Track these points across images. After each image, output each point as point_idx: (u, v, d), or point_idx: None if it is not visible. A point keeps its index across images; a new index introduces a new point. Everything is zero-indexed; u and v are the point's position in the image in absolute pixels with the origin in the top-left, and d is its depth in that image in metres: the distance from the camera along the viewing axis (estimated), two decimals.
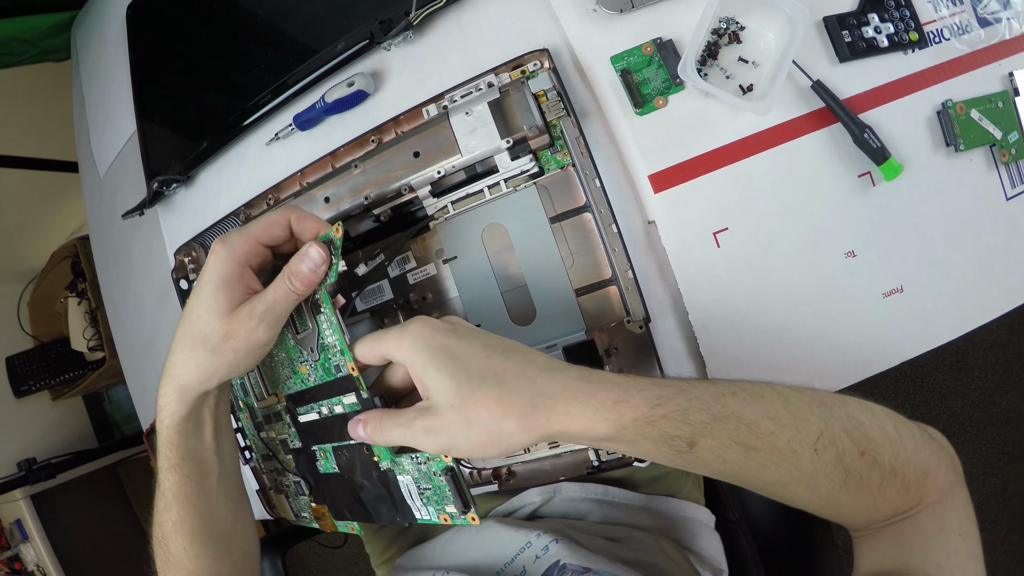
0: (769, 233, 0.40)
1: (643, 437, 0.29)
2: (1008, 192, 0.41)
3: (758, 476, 0.31)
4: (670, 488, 0.59)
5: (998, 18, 0.42)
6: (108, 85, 0.65)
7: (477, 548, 0.51)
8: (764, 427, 0.30)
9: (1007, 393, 1.12)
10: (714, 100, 0.41)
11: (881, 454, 0.31)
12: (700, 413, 0.30)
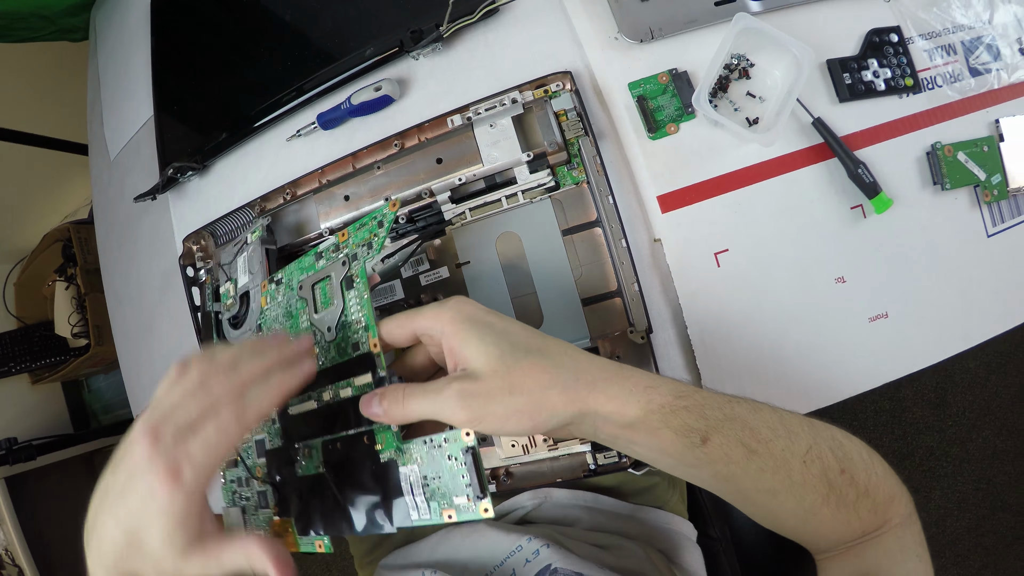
0: (767, 256, 0.43)
1: (666, 425, 0.31)
2: (989, 230, 0.45)
3: (755, 481, 0.33)
4: (657, 500, 0.62)
5: (988, 69, 0.47)
6: (126, 69, 0.67)
7: (467, 549, 0.52)
8: (763, 434, 0.33)
9: (983, 431, 1.17)
10: (722, 130, 0.45)
11: (857, 474, 0.34)
12: (714, 411, 0.32)
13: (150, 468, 0.28)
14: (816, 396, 0.43)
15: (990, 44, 0.47)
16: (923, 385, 1.18)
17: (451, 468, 0.30)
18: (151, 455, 0.28)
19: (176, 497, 0.28)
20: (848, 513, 0.35)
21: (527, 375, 0.30)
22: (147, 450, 0.28)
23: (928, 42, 0.46)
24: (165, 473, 0.28)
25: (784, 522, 0.36)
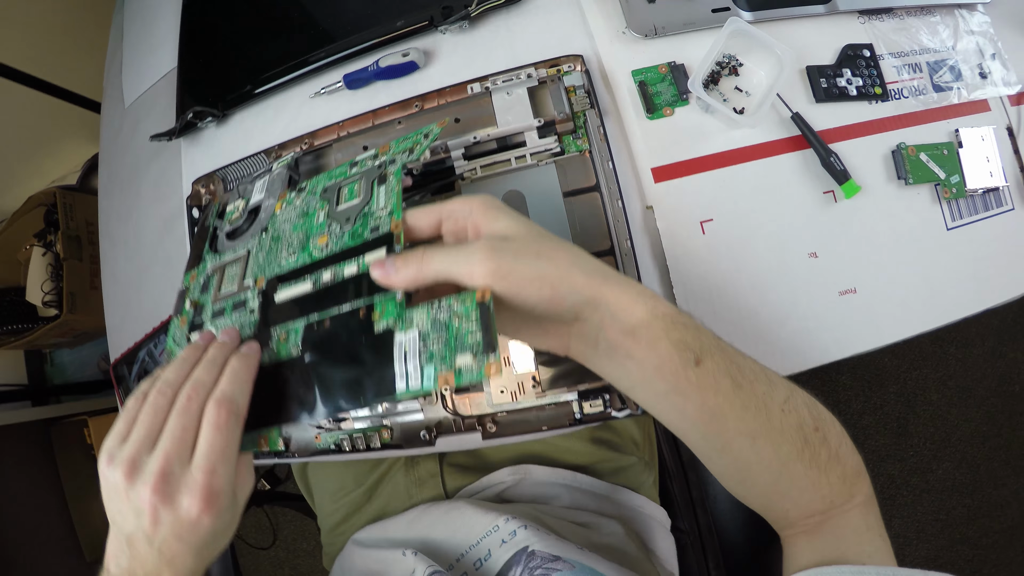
0: (747, 228, 0.48)
1: (666, 336, 0.32)
2: (948, 224, 0.51)
3: (738, 419, 0.33)
4: (632, 482, 0.64)
5: (950, 87, 0.54)
6: (154, 19, 0.70)
7: (443, 527, 0.53)
8: (748, 374, 0.34)
9: (944, 463, 1.23)
10: (711, 116, 0.50)
11: (830, 435, 0.36)
12: (708, 338, 0.34)
13: (178, 505, 0.31)
14: (789, 361, 0.47)
15: (953, 66, 0.54)
16: (886, 414, 1.24)
17: (457, 327, 0.28)
18: (165, 495, 0.31)
19: (217, 522, 0.32)
20: (819, 475, 0.35)
21: (555, 251, 0.31)
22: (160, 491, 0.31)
23: (897, 60, 0.53)
24: (201, 501, 0.31)
25: (758, 478, 0.36)
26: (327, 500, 0.69)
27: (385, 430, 0.52)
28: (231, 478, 0.32)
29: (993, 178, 0.51)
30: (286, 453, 0.55)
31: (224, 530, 0.33)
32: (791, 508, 0.36)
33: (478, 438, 0.49)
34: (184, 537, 0.31)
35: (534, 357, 0.48)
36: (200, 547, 0.32)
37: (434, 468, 0.62)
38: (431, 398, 0.50)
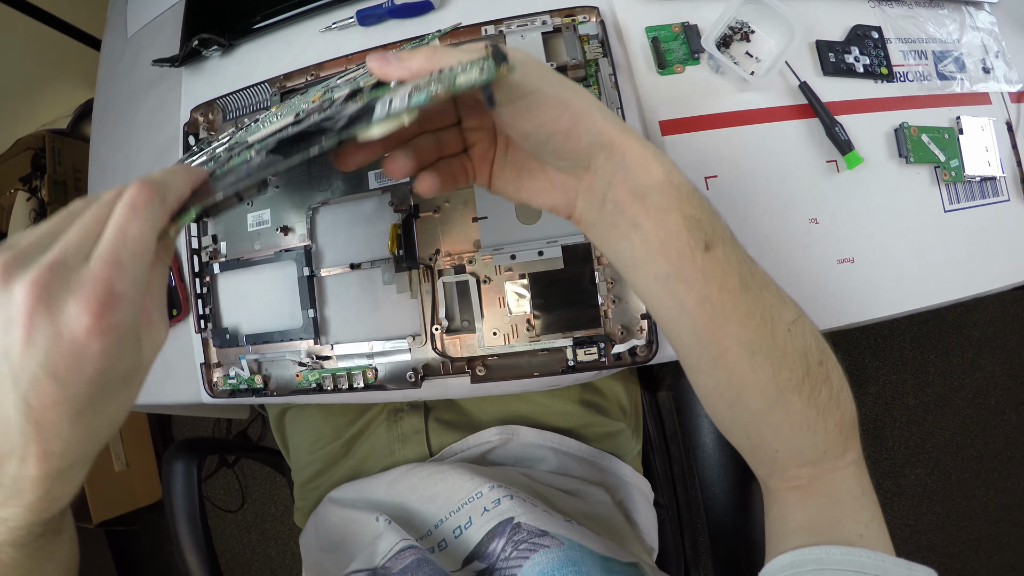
0: (750, 188, 0.49)
1: (678, 208, 0.30)
2: (946, 206, 0.52)
3: (740, 324, 0.31)
4: (619, 449, 0.65)
5: (954, 76, 0.55)
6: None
7: (424, 491, 0.52)
8: (758, 280, 0.32)
9: (916, 468, 1.26)
10: (720, 77, 0.51)
11: (833, 374, 0.34)
12: (722, 226, 0.32)
13: (61, 319, 0.23)
14: None
15: (957, 58, 0.55)
16: (863, 415, 1.24)
17: (458, 66, 0.25)
18: (45, 299, 0.23)
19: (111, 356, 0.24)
20: (816, 415, 0.33)
21: (580, 90, 0.30)
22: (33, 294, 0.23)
23: (904, 45, 0.55)
24: (97, 304, 0.23)
25: (750, 401, 0.33)
26: (303, 452, 0.68)
27: (370, 370, 0.52)
28: (138, 289, 0.25)
29: (991, 167, 0.53)
30: (264, 391, 0.55)
31: (118, 382, 0.25)
32: (781, 449, 0.34)
33: (466, 382, 0.49)
34: (61, 373, 0.23)
35: (530, 299, 0.48)
36: (81, 398, 0.24)
37: (419, 424, 0.62)
38: (420, 338, 0.50)
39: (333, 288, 0.53)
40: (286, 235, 0.54)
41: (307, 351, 0.53)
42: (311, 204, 0.53)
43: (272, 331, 0.54)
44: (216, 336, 0.56)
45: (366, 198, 0.52)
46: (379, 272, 0.51)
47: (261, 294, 0.55)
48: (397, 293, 0.50)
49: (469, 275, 0.48)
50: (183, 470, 0.69)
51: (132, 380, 0.27)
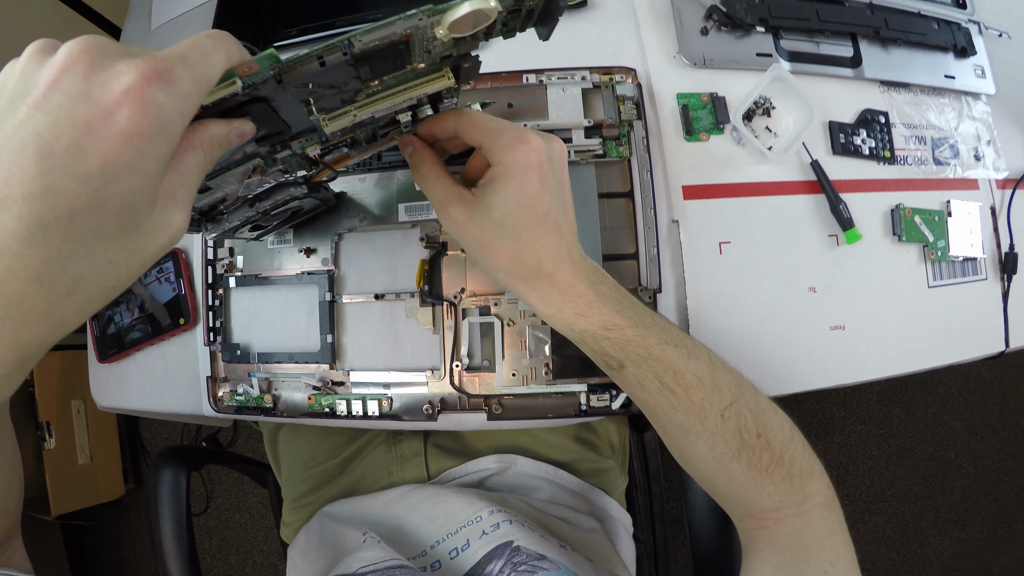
0: (759, 255, 0.54)
1: (584, 344, 0.40)
2: (930, 282, 0.58)
3: (667, 415, 0.40)
4: (607, 486, 0.69)
5: (948, 162, 0.62)
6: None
7: (423, 512, 0.55)
8: (687, 379, 0.39)
9: (876, 516, 1.34)
10: (741, 149, 0.56)
11: (774, 441, 0.40)
12: (639, 349, 0.39)
13: (110, 71, 0.20)
14: (780, 383, 0.53)
15: (953, 145, 0.62)
16: (828, 462, 1.33)
17: None
18: (100, 62, 0.20)
19: (164, 105, 0.21)
20: (760, 475, 0.39)
21: (543, 234, 0.36)
22: (93, 55, 0.20)
23: (907, 130, 0.61)
24: (147, 69, 0.20)
25: (697, 465, 0.42)
26: (297, 469, 0.70)
27: (385, 400, 0.54)
28: (188, 108, 0.22)
29: (973, 248, 0.60)
30: (273, 411, 0.57)
31: (112, 219, 0.21)
32: (739, 499, 0.41)
33: (483, 418, 0.52)
34: (59, 147, 0.19)
35: (550, 344, 0.52)
36: (64, 200, 0.20)
37: (418, 447, 0.64)
38: (439, 373, 0.53)
39: (352, 315, 0.56)
40: (308, 257, 0.57)
41: (321, 375, 0.55)
42: (338, 230, 0.56)
43: (286, 352, 0.56)
44: (226, 351, 0.58)
45: (394, 229, 0.55)
46: (402, 304, 0.54)
47: (277, 313, 0.57)
48: (419, 327, 0.53)
49: (495, 317, 0.52)
50: (171, 478, 0.69)
51: (126, 235, 0.22)
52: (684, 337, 0.41)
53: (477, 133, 0.36)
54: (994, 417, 1.43)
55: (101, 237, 0.21)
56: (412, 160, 0.39)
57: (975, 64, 0.65)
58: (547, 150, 0.36)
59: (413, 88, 0.33)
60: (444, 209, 0.38)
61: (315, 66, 0.27)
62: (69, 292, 0.22)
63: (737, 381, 0.41)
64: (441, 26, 0.28)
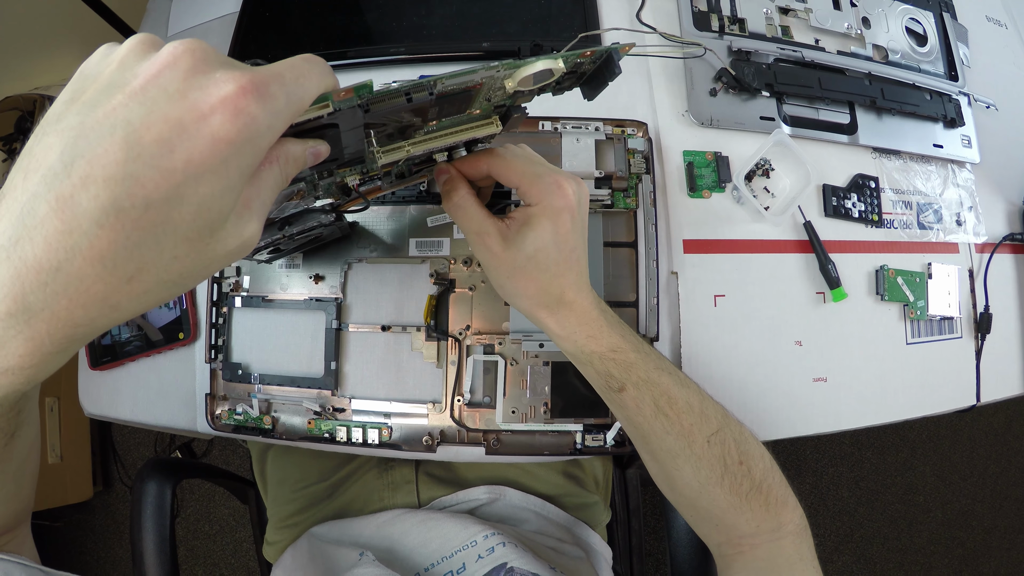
0: (751, 309, 0.59)
1: (591, 365, 0.44)
2: (908, 339, 0.64)
3: (659, 438, 0.44)
4: (591, 520, 0.73)
5: (931, 226, 0.67)
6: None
7: (417, 536, 0.58)
8: (679, 405, 0.43)
9: (844, 556, 1.41)
10: (740, 207, 0.61)
11: (754, 469, 0.44)
12: (640, 372, 0.43)
13: (210, 77, 0.22)
14: (765, 429, 0.58)
15: (937, 210, 0.68)
16: (800, 502, 1.40)
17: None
18: (202, 66, 0.22)
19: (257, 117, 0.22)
20: (741, 501, 0.43)
21: (566, 269, 0.41)
22: (196, 58, 0.22)
23: (895, 195, 0.67)
24: (246, 82, 0.22)
25: (682, 489, 0.45)
26: (285, 489, 0.72)
27: (385, 429, 0.57)
28: (277, 125, 0.24)
29: (951, 309, 0.65)
30: (272, 433, 0.59)
31: (187, 222, 0.22)
32: (718, 524, 0.45)
33: (481, 452, 0.56)
34: (148, 142, 0.21)
35: (550, 385, 0.55)
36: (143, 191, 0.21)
37: (409, 475, 0.67)
38: (440, 405, 0.56)
39: (356, 344, 0.59)
40: (317, 283, 0.59)
41: (321, 401, 0.58)
42: (348, 259, 0.59)
43: (288, 375, 0.59)
44: (227, 369, 0.60)
45: (404, 263, 0.58)
46: (407, 337, 0.57)
47: (281, 336, 0.60)
48: (424, 360, 0.57)
49: (498, 356, 0.55)
50: (156, 491, 0.70)
51: (198, 235, 0.23)
52: (674, 367, 0.46)
53: (514, 176, 0.41)
54: (963, 463, 1.51)
55: (172, 232, 0.22)
56: (446, 188, 0.42)
57: (962, 134, 0.71)
58: (577, 194, 0.41)
59: (464, 131, 0.37)
60: (481, 239, 0.42)
61: (402, 101, 0.30)
62: (130, 279, 0.23)
63: (723, 412, 0.46)
64: (512, 79, 0.32)
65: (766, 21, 0.64)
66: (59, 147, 0.21)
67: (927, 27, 0.72)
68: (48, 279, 0.21)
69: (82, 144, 0.21)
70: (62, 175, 0.20)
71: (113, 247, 0.21)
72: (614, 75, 0.36)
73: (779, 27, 0.64)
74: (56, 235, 0.21)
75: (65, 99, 0.23)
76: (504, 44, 0.61)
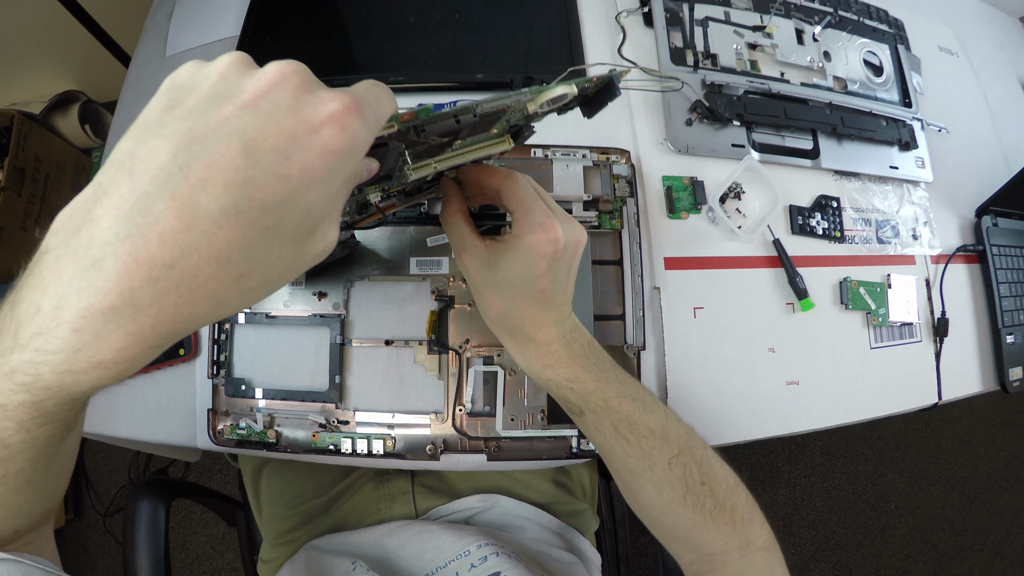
0: (727, 320, 0.66)
1: (549, 390, 0.47)
2: (872, 344, 0.71)
3: (620, 460, 0.47)
4: (581, 527, 0.78)
5: (889, 241, 0.75)
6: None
7: (412, 547, 0.61)
8: (640, 430, 0.46)
9: (820, 563, 1.48)
10: (714, 227, 0.68)
11: (717, 489, 0.46)
12: (598, 400, 0.46)
13: (317, 95, 0.25)
14: (744, 430, 0.64)
15: (894, 226, 0.76)
16: (774, 512, 1.48)
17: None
18: (307, 86, 0.25)
19: (359, 133, 0.25)
20: (706, 519, 0.46)
21: (529, 303, 0.43)
22: (302, 78, 0.25)
23: (855, 213, 0.75)
24: (349, 101, 0.25)
25: (647, 507, 0.48)
26: (281, 506, 0.75)
27: (389, 439, 0.61)
28: (368, 141, 0.27)
29: (910, 315, 0.73)
30: (276, 446, 0.63)
31: (295, 224, 0.25)
32: (686, 542, 0.48)
33: (483, 459, 0.60)
34: (265, 150, 0.23)
35: (547, 395, 0.60)
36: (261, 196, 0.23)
37: (405, 486, 0.71)
38: (442, 415, 0.61)
39: (359, 358, 0.63)
40: (320, 300, 0.64)
41: (326, 414, 0.62)
42: (350, 277, 0.64)
43: (292, 389, 0.62)
44: (229, 385, 0.64)
45: (405, 281, 0.63)
46: (410, 351, 0.62)
47: (284, 352, 0.64)
48: (426, 373, 0.61)
49: (498, 367, 0.60)
50: (149, 511, 0.72)
51: (300, 238, 0.26)
52: (643, 393, 0.48)
53: (514, 203, 0.42)
54: (931, 469, 1.61)
55: (280, 234, 0.25)
56: (445, 197, 0.46)
57: (916, 156, 0.80)
58: (564, 241, 0.41)
59: (481, 149, 0.40)
60: (459, 253, 0.45)
61: (452, 122, 0.33)
62: (239, 278, 0.24)
63: (687, 435, 0.48)
64: (534, 102, 0.35)
65: (736, 56, 0.72)
66: (170, 150, 0.22)
67: (883, 59, 0.81)
68: (160, 275, 0.22)
69: (196, 148, 0.22)
70: (177, 176, 0.22)
71: (230, 246, 0.23)
72: (614, 96, 0.40)
73: (748, 61, 0.72)
74: (172, 232, 0.22)
75: (160, 107, 0.25)
76: (497, 76, 0.67)
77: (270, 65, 0.25)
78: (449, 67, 0.69)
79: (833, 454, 1.57)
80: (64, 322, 0.23)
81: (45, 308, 0.23)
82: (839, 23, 0.78)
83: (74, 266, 0.23)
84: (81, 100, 1.06)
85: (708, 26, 0.71)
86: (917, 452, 1.60)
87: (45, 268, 0.24)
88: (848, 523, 1.52)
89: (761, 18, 0.73)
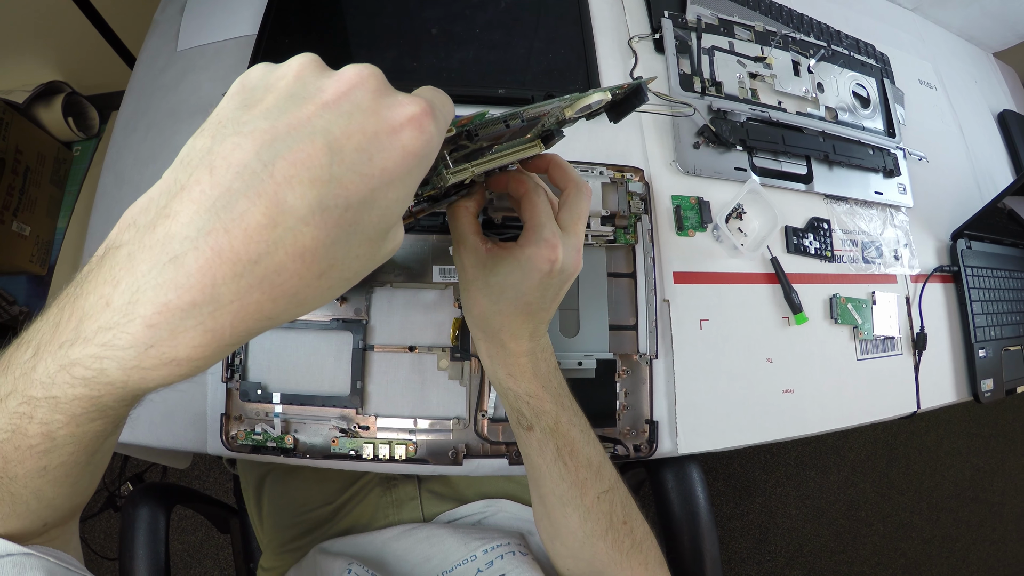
0: (729, 331, 0.75)
1: (505, 398, 0.51)
2: (858, 356, 0.81)
3: (554, 484, 0.50)
4: None
5: (873, 261, 0.86)
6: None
7: (419, 551, 0.65)
8: (580, 458, 0.50)
9: (795, 569, 1.60)
10: (718, 245, 0.77)
11: (636, 531, 0.51)
12: (549, 420, 0.50)
13: (395, 98, 0.27)
14: (743, 435, 0.73)
15: (878, 247, 0.87)
16: (750, 521, 1.60)
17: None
18: (385, 89, 0.27)
19: (434, 136, 0.27)
20: (622, 557, 0.50)
21: (513, 312, 0.47)
22: (379, 81, 0.27)
23: (844, 235, 0.85)
24: (426, 105, 0.27)
25: (567, 537, 0.51)
26: (286, 514, 0.79)
27: (411, 444, 0.67)
28: (439, 141, 0.29)
29: (892, 330, 0.84)
30: (294, 452, 0.67)
31: (373, 223, 0.26)
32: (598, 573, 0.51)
33: (504, 463, 0.66)
34: (349, 150, 0.25)
35: None
36: (344, 194, 0.24)
37: (413, 492, 0.77)
38: (464, 421, 0.67)
39: (381, 363, 0.68)
40: (341, 305, 0.69)
41: (347, 419, 0.67)
42: (373, 283, 0.69)
43: (311, 394, 0.67)
44: (244, 389, 0.67)
45: (428, 289, 0.69)
46: (432, 357, 0.68)
47: (302, 356, 0.68)
48: (448, 379, 0.67)
49: None
50: (148, 517, 0.74)
51: (377, 236, 0.27)
52: (589, 428, 0.53)
53: (529, 214, 0.45)
54: (900, 479, 1.76)
55: (359, 232, 0.26)
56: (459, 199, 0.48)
57: (899, 182, 0.91)
58: (562, 263, 0.45)
59: (515, 153, 0.44)
60: (457, 246, 0.48)
61: (502, 127, 0.36)
62: (320, 275, 0.25)
63: (617, 477, 0.52)
64: (571, 108, 0.39)
65: (739, 84, 0.81)
66: (252, 147, 0.24)
67: (870, 91, 0.91)
68: (244, 271, 0.23)
69: (280, 146, 0.24)
70: (262, 173, 0.23)
71: (315, 243, 0.24)
72: (643, 102, 0.44)
73: (749, 90, 0.81)
74: (258, 229, 0.23)
75: (235, 105, 0.26)
76: (518, 91, 0.74)
77: (348, 67, 0.27)
78: (471, 80, 0.75)
79: (807, 464, 1.71)
80: (138, 317, 0.23)
81: (116, 303, 0.23)
82: (832, 56, 0.88)
83: (150, 261, 0.23)
84: (65, 92, 1.06)
85: (714, 55, 0.80)
86: (887, 463, 1.74)
87: (116, 262, 0.24)
88: (821, 531, 1.65)
89: (762, 49, 0.82)
